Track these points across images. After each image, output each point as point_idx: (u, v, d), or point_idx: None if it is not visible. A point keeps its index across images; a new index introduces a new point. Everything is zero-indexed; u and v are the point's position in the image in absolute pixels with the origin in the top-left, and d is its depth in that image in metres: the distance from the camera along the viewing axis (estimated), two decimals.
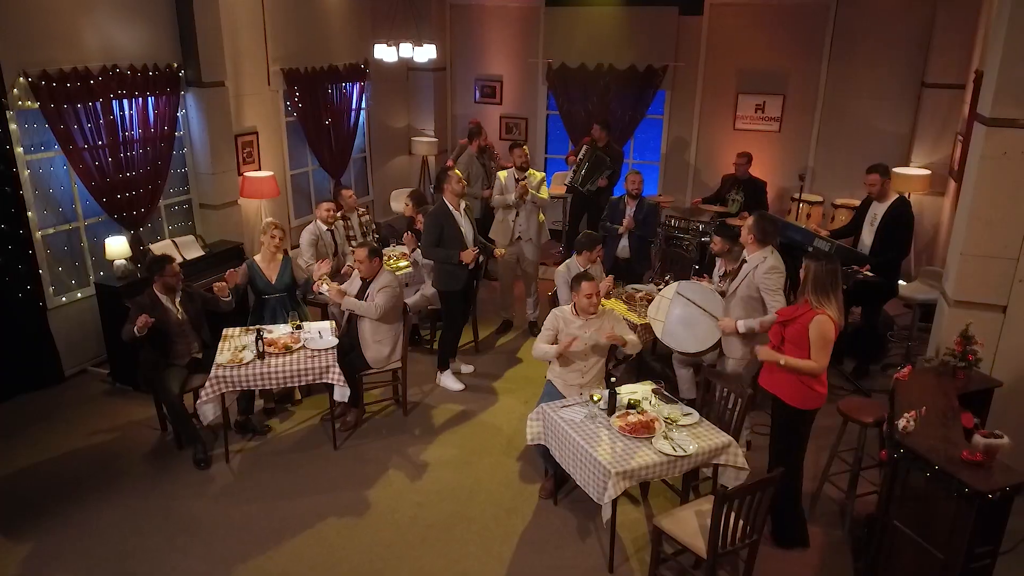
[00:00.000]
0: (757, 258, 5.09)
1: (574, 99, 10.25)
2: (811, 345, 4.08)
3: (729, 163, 9.57)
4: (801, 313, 4.16)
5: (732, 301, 5.23)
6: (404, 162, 11.13)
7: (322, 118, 9.07)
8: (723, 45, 9.51)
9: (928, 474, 3.57)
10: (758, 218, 5.14)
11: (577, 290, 4.99)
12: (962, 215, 5.11)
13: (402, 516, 4.88)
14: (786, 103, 9.41)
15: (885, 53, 8.80)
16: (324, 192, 9.66)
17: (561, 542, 4.66)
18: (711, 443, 4.35)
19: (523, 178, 7.29)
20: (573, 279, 5.13)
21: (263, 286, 6.01)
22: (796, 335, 4.14)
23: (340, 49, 9.33)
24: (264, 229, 6.06)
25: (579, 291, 4.97)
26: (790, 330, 4.16)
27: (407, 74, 10.84)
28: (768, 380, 4.38)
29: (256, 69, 8.18)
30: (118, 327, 6.21)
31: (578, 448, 4.36)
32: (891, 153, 8.94)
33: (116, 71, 6.52)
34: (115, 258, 6.35)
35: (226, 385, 5.18)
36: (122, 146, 6.67)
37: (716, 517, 3.69)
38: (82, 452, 5.54)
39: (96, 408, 6.17)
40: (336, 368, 5.32)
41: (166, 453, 5.55)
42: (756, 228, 5.06)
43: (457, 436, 5.83)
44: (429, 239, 6.20)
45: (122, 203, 6.73)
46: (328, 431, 5.83)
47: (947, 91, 8.35)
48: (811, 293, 4.14)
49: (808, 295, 4.17)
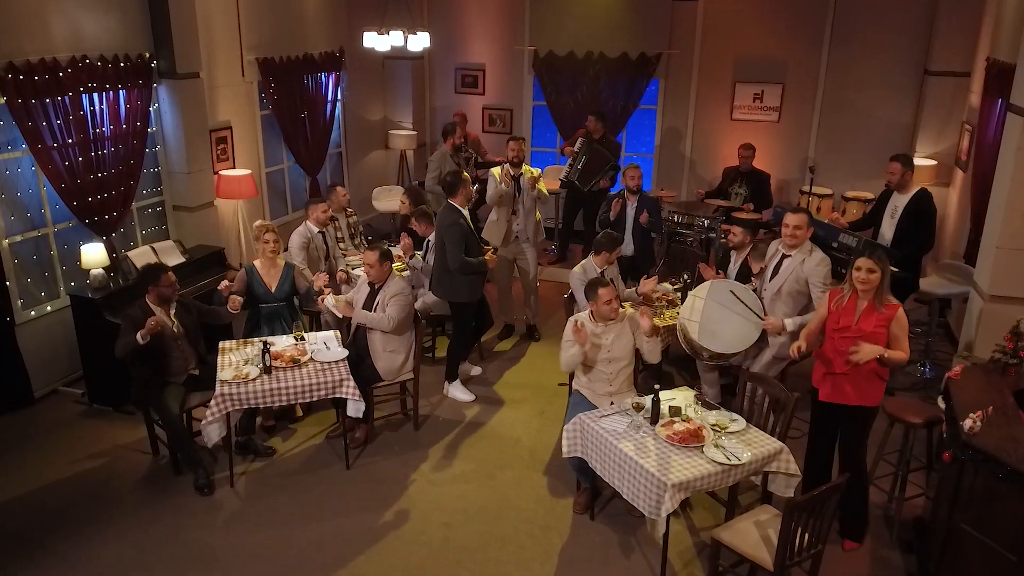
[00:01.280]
0: (802, 252, 5.23)
1: (562, 89, 10.29)
2: (895, 339, 4.25)
3: (727, 155, 9.77)
4: (876, 317, 4.28)
5: (776, 299, 5.33)
6: (380, 157, 11.03)
7: (298, 111, 8.93)
8: (719, 32, 9.66)
9: (1000, 475, 3.69)
10: (807, 212, 5.30)
11: (595, 298, 5.03)
12: (997, 208, 5.29)
13: (431, 538, 4.85)
14: (785, 92, 9.61)
15: (886, 40, 9.04)
16: (300, 191, 9.53)
17: (605, 559, 4.68)
18: (763, 450, 4.42)
19: (518, 174, 7.29)
20: (588, 287, 5.15)
21: (261, 294, 5.89)
22: (875, 336, 4.26)
23: (316, 37, 9.20)
24: (255, 235, 5.95)
25: (597, 299, 5.02)
26: (875, 337, 4.25)
27: (382, 63, 10.74)
28: (836, 392, 4.44)
29: (229, 59, 8.02)
30: (95, 342, 6.11)
31: (625, 460, 4.38)
32: (894, 143, 9.17)
33: (86, 62, 6.31)
34: (91, 267, 6.16)
35: (232, 403, 5.07)
36: (93, 144, 6.47)
37: (786, 527, 3.75)
38: (68, 481, 5.36)
39: (75, 432, 5.98)
40: (351, 381, 5.25)
41: (162, 479, 5.40)
42: (811, 222, 5.24)
43: (475, 450, 5.81)
44: (459, 249, 6.13)
45: (94, 206, 6.53)
46: (336, 449, 5.77)
47: (952, 79, 8.62)
48: (885, 291, 4.29)
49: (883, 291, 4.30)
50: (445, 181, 6.27)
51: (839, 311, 4.45)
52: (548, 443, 5.90)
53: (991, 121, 6.94)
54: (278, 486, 5.34)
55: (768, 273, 5.46)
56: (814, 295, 5.18)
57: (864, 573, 4.58)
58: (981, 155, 6.99)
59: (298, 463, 5.62)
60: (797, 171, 9.77)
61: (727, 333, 5.29)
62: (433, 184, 8.28)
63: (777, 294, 5.32)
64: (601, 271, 6.25)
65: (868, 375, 4.38)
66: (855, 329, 4.34)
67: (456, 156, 8.67)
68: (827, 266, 5.20)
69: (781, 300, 5.32)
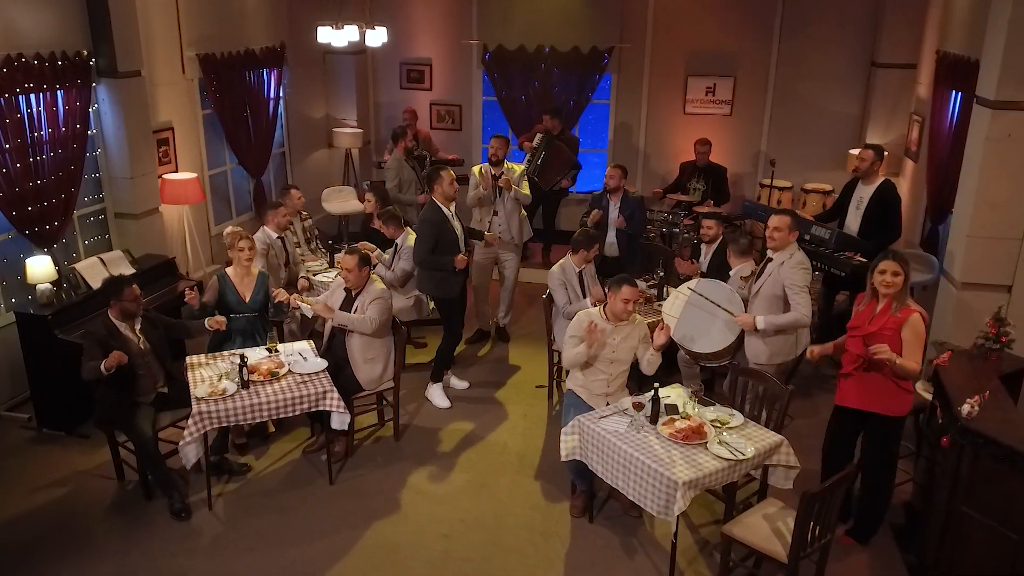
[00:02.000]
0: (784, 255, 5.38)
1: (514, 84, 10.35)
2: (907, 344, 4.31)
3: (680, 149, 10.03)
4: (886, 319, 4.38)
5: (755, 301, 5.50)
6: (324, 156, 10.87)
7: (241, 109, 8.73)
8: (671, 25, 9.89)
9: (1001, 457, 3.94)
10: (794, 215, 5.49)
11: (616, 292, 5.06)
12: (967, 198, 5.61)
13: (431, 552, 4.84)
14: (737, 85, 9.92)
15: (834, 33, 9.44)
16: (243, 194, 9.32)
17: (610, 562, 4.77)
18: (765, 443, 4.59)
19: (500, 172, 7.33)
20: (615, 281, 5.14)
21: (234, 304, 5.76)
22: (880, 339, 4.33)
23: (256, 31, 9.00)
24: (230, 242, 5.80)
25: (618, 294, 5.05)
26: (879, 338, 4.33)
27: (323, 58, 10.58)
28: (861, 399, 4.56)
29: (169, 55, 7.78)
30: (45, 362, 5.86)
31: (630, 460, 4.47)
32: (844, 134, 9.64)
33: (22, 61, 6.03)
34: (38, 282, 5.90)
35: (210, 422, 4.95)
36: (31, 149, 6.19)
37: (803, 518, 3.92)
38: (28, 515, 5.12)
39: (28, 459, 5.72)
40: (334, 393, 5.19)
41: (132, 506, 5.22)
42: (795, 224, 5.38)
43: (462, 458, 5.82)
44: (424, 246, 6.15)
45: (33, 216, 6.24)
46: (315, 464, 5.71)
47: (898, 71, 9.07)
48: (902, 294, 4.38)
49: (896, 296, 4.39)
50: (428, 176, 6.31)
51: (858, 313, 4.60)
52: (535, 447, 5.96)
53: (944, 112, 7.34)
54: (259, 506, 5.24)
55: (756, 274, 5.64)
56: (790, 298, 5.28)
57: (863, 561, 4.80)
58: (936, 145, 7.38)
59: (277, 481, 5.52)
60: (750, 164, 10.11)
61: (704, 332, 5.44)
62: (395, 192, 8.23)
63: (756, 295, 5.49)
64: (579, 270, 6.34)
65: (881, 382, 4.46)
66: (863, 329, 4.50)
67: (410, 160, 8.61)
68: (805, 269, 5.29)
69: (758, 302, 5.47)
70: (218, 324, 5.44)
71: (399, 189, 8.30)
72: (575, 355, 5.11)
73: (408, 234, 6.86)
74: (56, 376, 5.87)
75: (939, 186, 7.25)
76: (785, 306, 5.37)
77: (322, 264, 7.38)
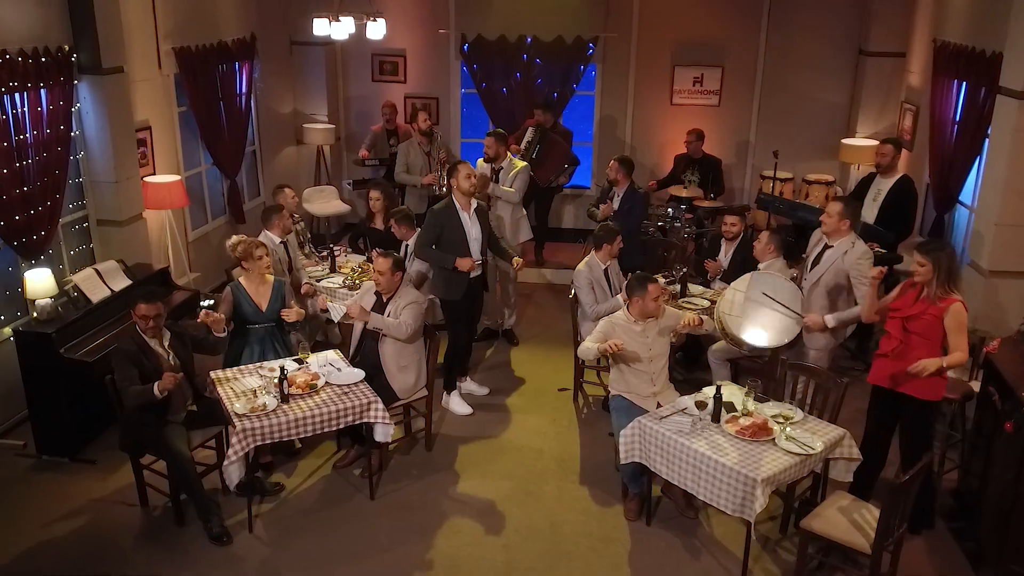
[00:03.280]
0: (845, 244, 5.64)
1: (494, 76, 10.46)
2: (951, 334, 4.62)
3: (667, 141, 10.33)
4: (927, 306, 4.68)
5: (815, 291, 5.75)
6: (293, 154, 10.77)
7: (216, 105, 8.61)
8: (657, 14, 10.14)
9: None
10: (847, 202, 5.72)
11: (643, 294, 5.26)
12: (994, 187, 6.01)
13: (493, 564, 4.95)
14: (725, 75, 10.24)
15: (823, 21, 9.84)
16: (216, 196, 9.19)
17: (676, 564, 4.96)
18: (830, 437, 4.85)
19: (499, 169, 7.44)
20: (638, 282, 5.33)
21: (251, 314, 5.73)
22: (927, 328, 4.65)
23: (228, 21, 8.89)
24: (245, 252, 5.75)
25: (646, 295, 5.26)
26: (918, 324, 4.65)
27: (290, 49, 10.49)
28: (895, 380, 4.84)
29: (145, 49, 7.62)
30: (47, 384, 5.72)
31: (702, 459, 4.67)
32: (834, 124, 10.07)
33: (6, 57, 5.86)
34: (39, 296, 5.75)
35: (254, 439, 4.94)
36: (15, 153, 6.02)
37: (888, 509, 4.17)
38: (51, 547, 5.03)
39: (33, 490, 5.59)
40: (379, 403, 5.24)
41: (165, 533, 5.17)
42: (848, 213, 5.62)
43: (500, 466, 5.93)
44: (424, 237, 6.22)
45: (20, 226, 6.07)
46: (347, 479, 5.76)
47: (888, 59, 9.53)
48: (943, 282, 4.65)
49: (936, 285, 4.66)
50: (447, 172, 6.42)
51: (902, 297, 4.89)
52: (572, 452, 6.11)
53: (946, 102, 7.77)
54: (301, 526, 5.25)
55: (809, 262, 5.89)
56: (856, 290, 5.56)
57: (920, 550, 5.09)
58: (939, 135, 7.81)
59: (313, 499, 5.53)
60: (738, 155, 10.45)
61: (768, 327, 5.65)
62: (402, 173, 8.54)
63: (816, 284, 5.73)
64: (605, 267, 6.52)
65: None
66: (904, 311, 4.83)
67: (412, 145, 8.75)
68: (868, 259, 5.56)
69: (819, 291, 5.73)
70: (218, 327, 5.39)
71: (406, 170, 8.47)
72: (592, 352, 5.35)
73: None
74: (60, 398, 5.74)
75: (944, 176, 7.67)
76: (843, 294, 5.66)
77: (324, 269, 7.36)
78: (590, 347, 5.38)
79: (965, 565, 4.99)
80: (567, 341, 7.83)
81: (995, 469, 4.85)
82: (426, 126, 8.67)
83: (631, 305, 5.37)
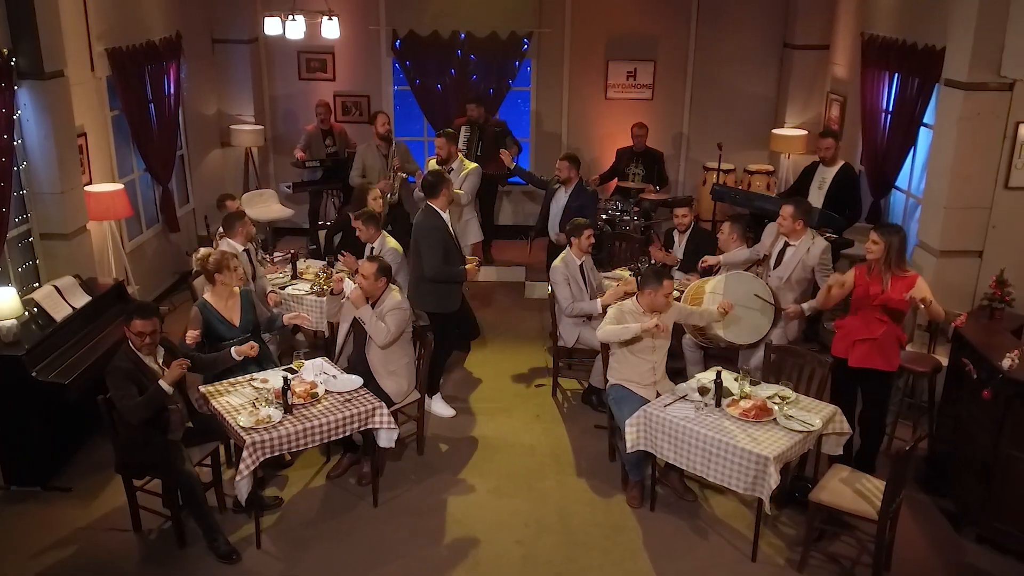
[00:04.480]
0: (805, 242, 6.24)
1: (428, 72, 10.58)
2: (928, 298, 5.24)
3: (603, 135, 10.75)
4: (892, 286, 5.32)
5: (785, 287, 6.32)
6: (219, 157, 10.58)
7: (147, 109, 8.42)
8: (590, 9, 10.49)
9: None
10: (797, 204, 6.30)
11: (657, 288, 5.55)
12: (941, 172, 6.60)
13: (511, 560, 5.15)
14: (657, 69, 10.71)
15: (748, 16, 10.44)
16: (148, 203, 8.98)
17: (688, 545, 5.29)
18: (824, 413, 5.28)
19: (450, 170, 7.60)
20: (655, 276, 5.59)
21: (223, 331, 5.73)
22: (897, 305, 5.30)
23: (154, 19, 8.70)
24: (218, 264, 5.72)
25: (660, 289, 5.54)
26: (891, 305, 5.30)
27: (212, 47, 10.30)
28: (859, 356, 5.45)
29: (78, 51, 7.39)
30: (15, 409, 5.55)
31: (712, 443, 5.01)
32: (762, 116, 10.68)
33: None
34: (4, 318, 5.55)
35: (263, 452, 4.97)
36: None
37: (895, 478, 4.62)
38: None
39: (6, 524, 5.40)
40: (384, 408, 5.35)
41: (166, 556, 5.12)
42: (800, 213, 6.21)
43: (495, 465, 6.12)
44: (437, 256, 6.33)
45: None
46: (344, 487, 5.84)
47: (812, 52, 10.20)
48: (895, 264, 5.33)
49: (883, 262, 5.34)
50: (426, 181, 6.45)
51: (866, 283, 5.44)
52: (563, 445, 6.37)
53: (877, 92, 8.41)
54: (309, 538, 5.30)
55: (772, 261, 6.44)
56: (819, 280, 6.16)
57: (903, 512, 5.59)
58: (871, 124, 8.44)
59: (315, 510, 5.59)
60: (672, 147, 10.93)
61: (745, 324, 6.18)
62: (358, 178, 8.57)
63: (787, 282, 6.31)
64: (580, 262, 6.80)
65: (892, 341, 5.45)
66: (883, 297, 5.36)
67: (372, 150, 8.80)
68: (829, 252, 6.28)
69: (790, 287, 6.32)
70: (251, 351, 5.42)
71: (362, 174, 8.47)
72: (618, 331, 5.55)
73: (385, 238, 6.99)
74: (29, 424, 5.57)
75: (879, 163, 8.32)
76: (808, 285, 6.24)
77: (284, 276, 7.34)
78: (615, 329, 5.55)
79: (946, 525, 5.52)
80: (534, 338, 8.13)
81: (974, 435, 5.38)
82: (384, 130, 8.72)
83: (640, 296, 5.65)
